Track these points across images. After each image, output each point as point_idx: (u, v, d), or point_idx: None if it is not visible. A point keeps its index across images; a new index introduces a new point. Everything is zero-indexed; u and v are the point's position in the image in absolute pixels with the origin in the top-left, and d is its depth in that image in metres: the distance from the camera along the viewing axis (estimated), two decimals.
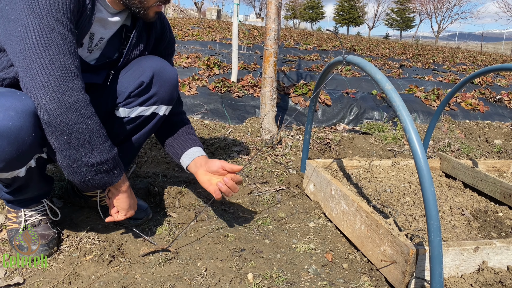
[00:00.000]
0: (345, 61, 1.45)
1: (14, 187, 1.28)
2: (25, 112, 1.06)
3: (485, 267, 1.29)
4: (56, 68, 1.06)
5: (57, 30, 1.07)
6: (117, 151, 1.24)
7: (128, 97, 1.41)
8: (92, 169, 1.16)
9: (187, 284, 1.25)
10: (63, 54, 1.08)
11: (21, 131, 1.06)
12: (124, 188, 1.31)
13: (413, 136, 1.07)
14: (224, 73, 4.73)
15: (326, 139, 2.93)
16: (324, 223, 1.74)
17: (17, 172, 1.18)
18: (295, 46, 10.50)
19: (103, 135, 1.17)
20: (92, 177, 1.18)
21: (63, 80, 1.07)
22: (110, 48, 1.40)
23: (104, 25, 1.32)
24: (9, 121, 1.04)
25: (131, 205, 1.37)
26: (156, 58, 1.47)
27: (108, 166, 1.20)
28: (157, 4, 1.30)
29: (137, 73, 1.41)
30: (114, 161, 1.22)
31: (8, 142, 1.05)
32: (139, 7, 1.28)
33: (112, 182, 1.24)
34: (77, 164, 1.14)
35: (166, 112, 1.52)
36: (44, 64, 1.05)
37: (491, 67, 1.90)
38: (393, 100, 1.14)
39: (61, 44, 1.08)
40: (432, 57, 11.81)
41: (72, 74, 1.10)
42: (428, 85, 5.49)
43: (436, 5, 38.30)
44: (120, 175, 1.26)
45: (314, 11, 51.80)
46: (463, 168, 2.18)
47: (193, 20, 23.38)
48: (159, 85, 1.43)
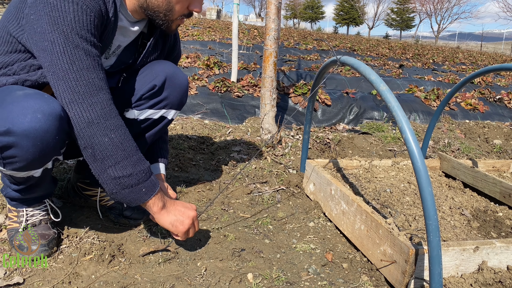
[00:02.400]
0: (339, 62, 1.45)
1: (25, 186, 1.29)
2: (52, 115, 1.08)
3: (485, 267, 1.30)
4: (80, 84, 1.09)
5: (81, 46, 1.09)
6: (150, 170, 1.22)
7: (139, 99, 1.44)
8: (116, 183, 1.16)
9: (187, 284, 1.25)
10: (87, 69, 1.10)
11: (47, 134, 1.08)
12: (155, 209, 1.25)
13: (409, 137, 1.07)
14: (224, 73, 4.73)
15: (326, 139, 2.94)
16: (324, 223, 1.74)
17: (33, 172, 1.20)
18: (295, 46, 10.50)
19: (128, 149, 1.16)
20: (118, 191, 1.17)
21: (86, 95, 1.10)
22: (127, 54, 1.43)
23: (123, 33, 1.33)
24: (36, 123, 1.05)
25: (173, 224, 1.29)
26: (168, 63, 1.49)
27: (132, 181, 1.17)
28: (181, 17, 1.31)
29: (150, 77, 1.43)
30: (139, 176, 1.18)
31: (33, 143, 1.07)
32: (164, 20, 1.29)
33: (140, 199, 1.20)
34: (103, 176, 1.15)
35: (174, 117, 1.55)
36: (69, 80, 1.08)
37: (491, 67, 1.91)
38: (388, 101, 1.14)
39: (85, 59, 1.10)
40: (432, 57, 11.81)
41: (96, 89, 1.12)
42: (428, 85, 5.49)
43: (436, 5, 38.31)
44: (149, 193, 1.21)
45: (314, 11, 51.81)
46: (463, 168, 2.18)
47: (193, 19, 23.37)
48: (171, 89, 1.46)
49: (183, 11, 1.29)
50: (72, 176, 1.68)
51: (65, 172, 2.00)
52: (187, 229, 1.30)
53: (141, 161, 1.20)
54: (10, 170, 1.15)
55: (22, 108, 1.05)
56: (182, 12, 1.29)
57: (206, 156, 2.44)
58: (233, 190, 2.00)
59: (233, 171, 2.24)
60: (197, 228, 1.37)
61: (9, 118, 1.04)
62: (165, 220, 1.28)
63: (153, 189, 1.22)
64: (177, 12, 1.28)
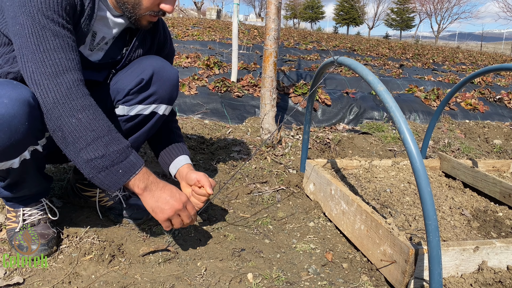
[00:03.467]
0: (337, 62, 1.45)
1: (10, 182, 1.27)
2: (19, 100, 1.07)
3: (484, 267, 1.30)
4: (46, 65, 1.09)
5: (47, 26, 1.10)
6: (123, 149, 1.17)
7: (127, 94, 1.41)
8: (90, 166, 1.13)
9: (187, 284, 1.25)
10: (54, 50, 1.11)
11: (14, 119, 1.07)
12: (136, 189, 1.20)
13: (407, 137, 1.07)
14: (224, 73, 4.73)
15: (326, 139, 2.94)
16: (324, 223, 1.74)
17: (10, 163, 1.17)
18: (295, 46, 10.50)
19: (98, 129, 1.13)
20: (94, 175, 1.15)
21: (52, 76, 1.10)
22: (115, 49, 1.42)
23: (107, 24, 1.33)
24: (1, 108, 1.05)
25: (154, 209, 1.23)
26: (156, 58, 1.47)
27: (106, 163, 1.13)
28: (151, 14, 1.29)
29: (137, 71, 1.41)
30: (112, 157, 1.14)
31: (1, 129, 1.06)
32: (132, 13, 1.28)
33: (118, 182, 1.16)
34: (78, 160, 1.13)
35: (166, 112, 1.51)
36: (36, 61, 1.09)
37: (490, 67, 1.90)
38: (385, 101, 1.14)
39: (52, 40, 1.10)
40: (432, 57, 11.81)
41: (63, 69, 1.11)
42: (428, 85, 5.49)
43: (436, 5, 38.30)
44: (127, 174, 1.17)
45: (314, 11, 51.80)
46: (463, 168, 2.18)
47: (193, 20, 23.38)
48: (159, 83, 1.43)
49: (152, 7, 1.27)
50: (71, 176, 1.68)
51: (64, 172, 2.00)
52: (166, 218, 1.24)
53: (114, 141, 1.15)
54: None
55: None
56: (151, 8, 1.27)
57: (206, 156, 2.44)
58: (233, 190, 2.00)
59: (233, 171, 2.24)
60: (187, 221, 1.29)
61: None
62: (147, 203, 1.23)
63: (132, 169, 1.17)
64: (145, 7, 1.26)
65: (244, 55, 6.83)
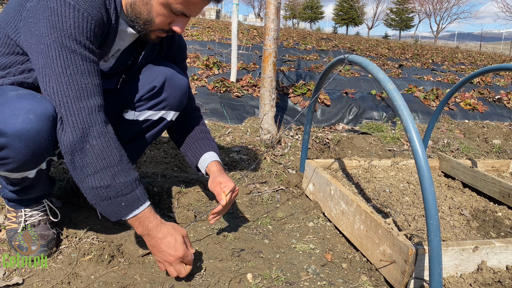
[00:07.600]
0: (347, 60, 1.44)
1: (21, 187, 1.29)
2: (44, 115, 1.07)
3: (484, 266, 1.30)
4: (70, 88, 1.08)
5: (78, 51, 1.08)
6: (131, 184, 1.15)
7: (138, 100, 1.44)
8: (94, 193, 1.12)
9: (186, 284, 1.25)
10: (82, 74, 1.09)
11: (39, 135, 1.07)
12: (136, 230, 1.19)
13: (414, 136, 1.07)
14: (223, 73, 4.73)
15: (325, 139, 2.94)
16: (323, 223, 1.74)
17: (27, 173, 1.19)
18: (294, 46, 10.50)
19: (109, 158, 1.12)
20: (97, 202, 1.14)
21: (75, 100, 1.08)
22: (125, 55, 1.42)
23: (123, 37, 1.33)
24: (28, 123, 1.05)
25: (154, 253, 1.22)
26: (168, 65, 1.49)
27: (110, 193, 1.12)
28: (160, 31, 1.28)
29: (149, 78, 1.43)
30: (117, 189, 1.13)
31: (26, 144, 1.06)
32: (142, 28, 1.27)
33: (119, 214, 1.15)
34: (83, 185, 1.13)
35: (173, 118, 1.55)
36: (61, 84, 1.07)
37: (490, 67, 1.91)
38: (394, 100, 1.14)
39: (81, 64, 1.09)
40: (431, 57, 11.82)
41: (86, 94, 1.10)
42: (427, 85, 5.49)
43: (435, 5, 38.34)
44: (129, 208, 1.15)
45: (313, 11, 51.83)
46: (462, 168, 2.18)
47: (192, 20, 23.37)
48: (170, 91, 1.46)
49: (163, 26, 1.26)
50: (71, 176, 1.67)
51: (64, 172, 2.00)
52: (164, 269, 1.25)
53: (123, 172, 1.14)
54: (3, 171, 1.14)
55: (14, 109, 1.05)
56: (162, 27, 1.26)
57: None
58: None
59: (232, 171, 2.24)
60: (183, 272, 1.23)
61: (1, 119, 1.03)
62: (146, 242, 1.23)
63: (135, 204, 1.16)
64: (157, 25, 1.24)
65: (244, 55, 6.83)
